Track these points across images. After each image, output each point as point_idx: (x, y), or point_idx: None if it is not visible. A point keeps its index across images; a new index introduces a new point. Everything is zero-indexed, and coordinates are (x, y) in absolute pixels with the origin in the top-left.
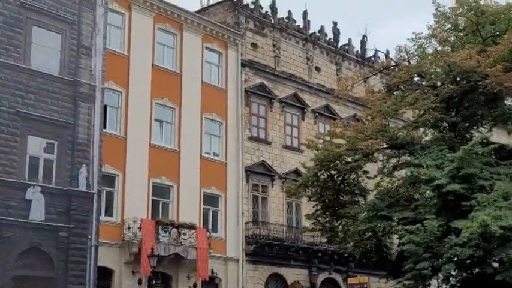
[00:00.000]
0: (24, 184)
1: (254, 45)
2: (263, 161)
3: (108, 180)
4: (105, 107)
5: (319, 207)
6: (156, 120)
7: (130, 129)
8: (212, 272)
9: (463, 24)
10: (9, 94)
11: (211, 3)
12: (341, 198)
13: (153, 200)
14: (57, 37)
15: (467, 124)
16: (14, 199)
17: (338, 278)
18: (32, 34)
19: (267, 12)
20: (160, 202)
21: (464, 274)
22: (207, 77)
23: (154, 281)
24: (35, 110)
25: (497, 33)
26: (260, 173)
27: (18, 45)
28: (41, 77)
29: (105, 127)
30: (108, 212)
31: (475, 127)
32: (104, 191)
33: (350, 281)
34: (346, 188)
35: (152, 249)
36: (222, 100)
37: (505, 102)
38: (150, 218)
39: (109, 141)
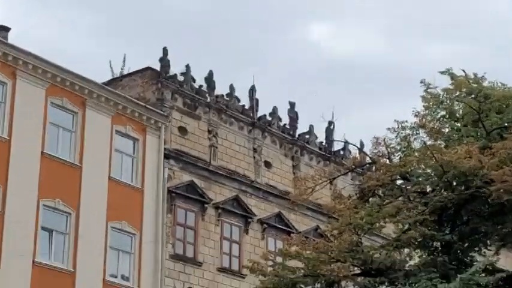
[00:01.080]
0: None
1: (183, 130)
2: None
3: None
4: None
5: None
6: (43, 229)
7: (5, 241)
8: None
9: (460, 112)
10: None
11: (126, 72)
12: None
13: None
14: None
15: (466, 244)
16: None
17: None
18: None
19: (201, 86)
20: None
21: None
22: (117, 172)
23: None
24: None
25: (505, 124)
26: None
27: None
28: None
29: None
30: None
31: (476, 249)
32: None
33: None
34: None
35: None
36: (137, 203)
37: None
38: None
39: None
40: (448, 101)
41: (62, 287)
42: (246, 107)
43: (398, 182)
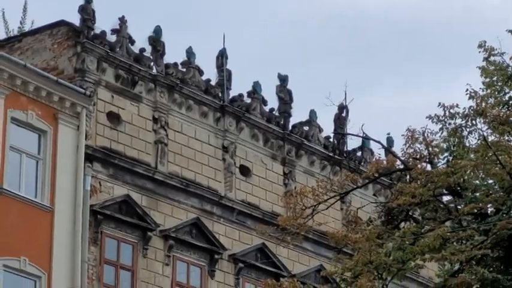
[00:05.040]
0: None
1: (115, 119)
2: None
3: None
4: None
5: None
6: None
7: None
8: None
9: None
10: None
11: (27, 28)
12: None
13: None
14: None
15: None
16: None
17: None
18: None
19: (143, 51)
20: None
21: None
22: (13, 182)
23: None
24: None
25: None
26: None
27: None
28: None
29: None
30: None
31: None
32: None
33: None
34: None
35: None
36: (43, 231)
37: None
38: None
39: None
40: None
41: None
42: (212, 83)
43: (445, 198)
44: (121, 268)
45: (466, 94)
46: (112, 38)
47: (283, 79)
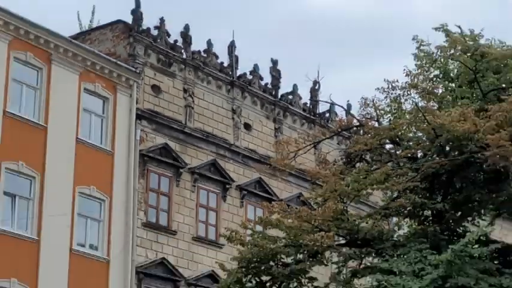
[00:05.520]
0: None
1: (156, 89)
2: (163, 258)
3: None
4: None
5: None
6: (5, 194)
7: None
8: None
9: (455, 71)
10: None
11: (95, 25)
12: None
13: None
14: None
15: (458, 214)
16: None
17: None
18: None
19: (176, 42)
20: None
21: None
22: (85, 133)
23: None
24: None
25: (503, 85)
26: (158, 277)
27: None
28: None
29: None
30: None
31: (469, 218)
32: None
33: None
34: None
35: None
36: (107, 167)
37: None
38: None
39: None
40: (442, 60)
41: (25, 256)
42: (225, 65)
43: (388, 146)
44: (161, 194)
45: (404, 73)
46: (154, 32)
47: (274, 62)
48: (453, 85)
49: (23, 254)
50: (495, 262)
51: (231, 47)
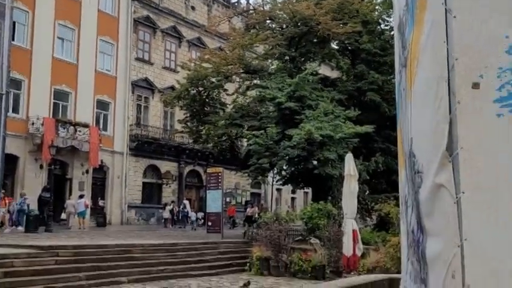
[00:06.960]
0: None
1: None
2: (146, 77)
3: (15, 84)
4: (14, 23)
5: (188, 115)
6: (58, 38)
7: (35, 43)
8: (101, 162)
9: None
10: None
11: None
12: (206, 109)
13: (54, 103)
14: None
15: (302, 59)
16: None
17: (200, 169)
18: None
19: None
20: (61, 105)
21: (293, 168)
22: (103, 6)
23: (53, 166)
24: None
25: None
26: (143, 87)
27: None
28: None
29: (13, 39)
30: (15, 110)
31: (308, 61)
32: (12, 93)
33: (209, 170)
34: (210, 101)
35: (52, 141)
36: (115, 26)
37: (331, 44)
38: (51, 117)
39: (17, 52)
40: None
41: (70, 73)
42: None
43: (268, 21)
44: (145, 43)
45: None
46: None
47: None
48: None
49: (68, 72)
50: (319, 84)
51: None
